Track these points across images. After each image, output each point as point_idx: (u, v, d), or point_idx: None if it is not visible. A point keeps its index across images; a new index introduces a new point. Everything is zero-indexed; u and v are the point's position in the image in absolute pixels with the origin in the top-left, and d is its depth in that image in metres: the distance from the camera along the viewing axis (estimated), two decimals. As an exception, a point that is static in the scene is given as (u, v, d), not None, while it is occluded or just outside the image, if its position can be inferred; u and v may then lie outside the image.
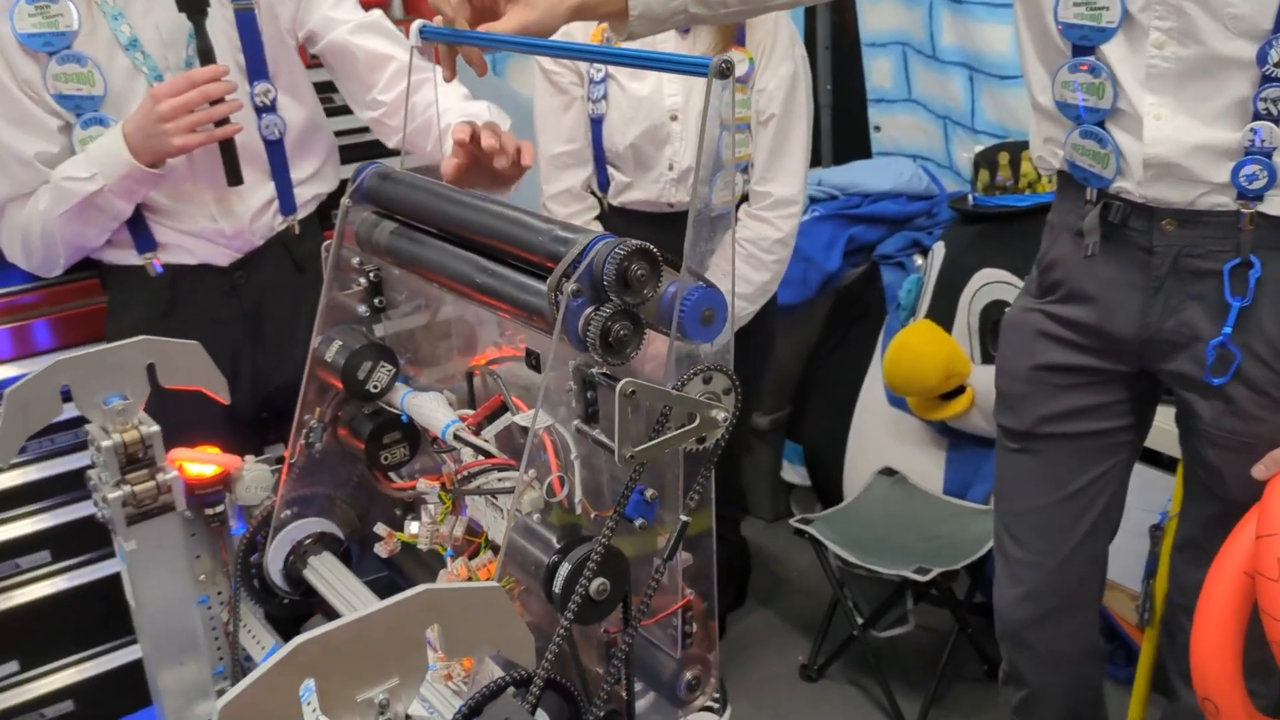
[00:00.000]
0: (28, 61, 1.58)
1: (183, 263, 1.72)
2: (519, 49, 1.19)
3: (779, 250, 2.14)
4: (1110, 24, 1.36)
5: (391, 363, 1.27)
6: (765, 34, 2.06)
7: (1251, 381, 1.42)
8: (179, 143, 1.54)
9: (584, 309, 0.95)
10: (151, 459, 1.29)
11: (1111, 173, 1.42)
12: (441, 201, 1.15)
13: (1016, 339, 1.63)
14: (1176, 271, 1.43)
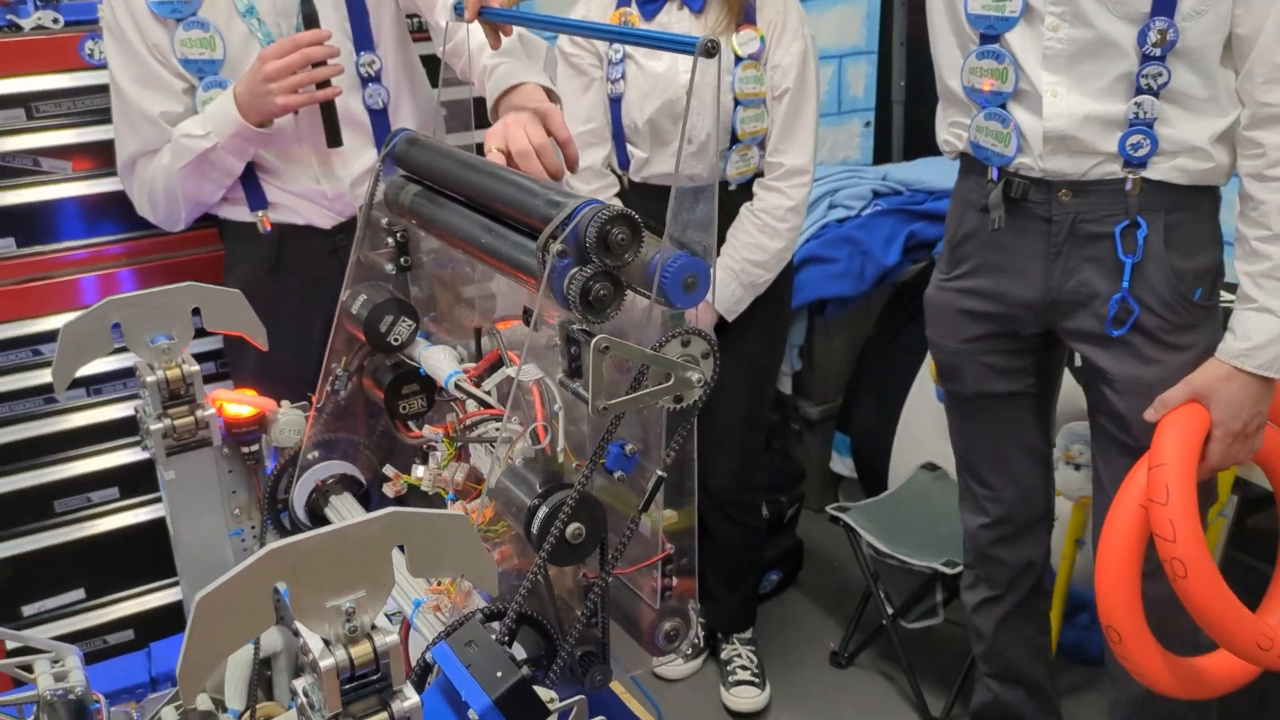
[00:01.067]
0: (157, 27, 1.71)
1: (290, 222, 1.83)
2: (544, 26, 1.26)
3: (792, 218, 2.21)
4: (1013, 13, 1.55)
5: (412, 318, 1.35)
6: (776, 13, 2.14)
7: (1145, 329, 1.61)
8: (281, 102, 1.64)
9: (569, 269, 1.01)
10: (192, 396, 1.40)
11: (1013, 150, 1.59)
12: (459, 167, 1.23)
13: (939, 316, 1.84)
14: (1073, 237, 1.61)
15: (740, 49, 2.11)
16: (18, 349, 2.06)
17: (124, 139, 1.80)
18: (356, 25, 1.77)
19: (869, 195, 3.08)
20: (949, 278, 1.80)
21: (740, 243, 2.20)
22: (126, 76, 1.74)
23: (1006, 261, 1.69)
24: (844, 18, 3.45)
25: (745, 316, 2.27)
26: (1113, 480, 1.73)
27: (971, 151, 1.69)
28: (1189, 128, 1.52)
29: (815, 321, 3.05)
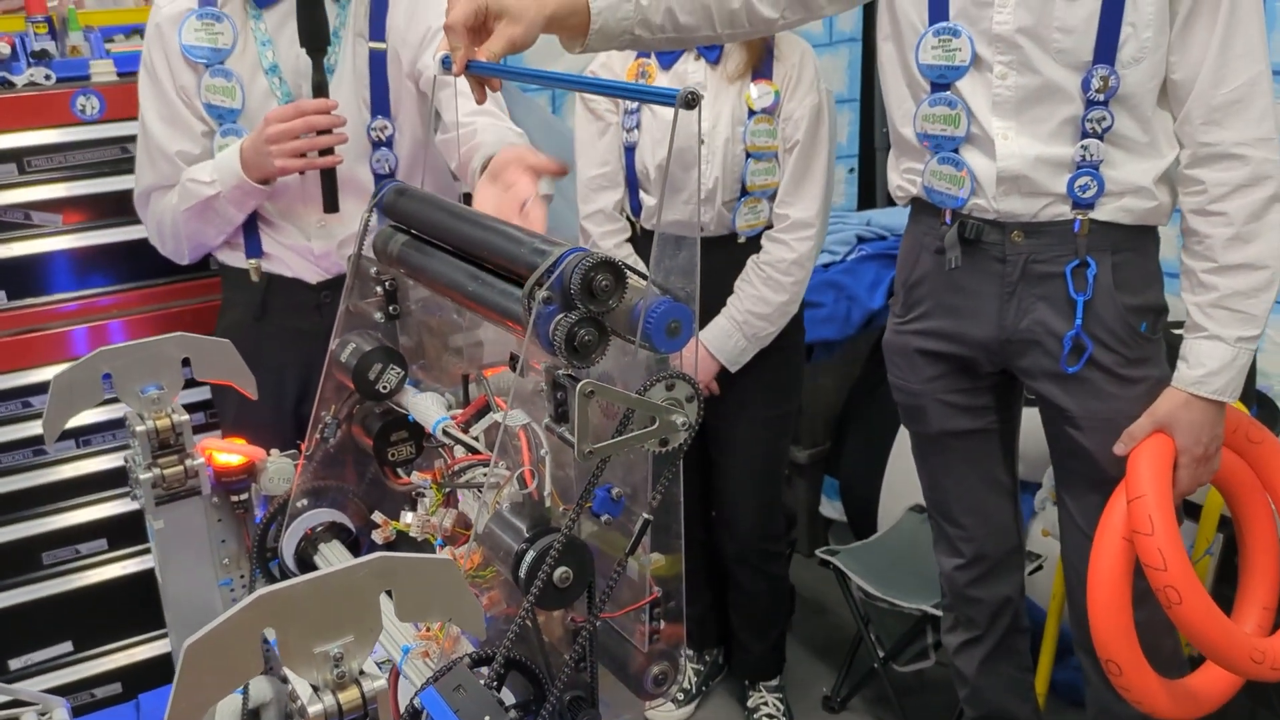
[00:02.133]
0: (187, 70, 1.77)
1: (279, 273, 1.87)
2: (532, 80, 1.28)
3: (796, 271, 2.21)
4: (963, 62, 1.60)
5: (401, 366, 1.37)
6: (790, 67, 2.17)
7: (1100, 364, 1.65)
8: (280, 164, 1.69)
9: (555, 315, 1.03)
10: (182, 445, 1.41)
11: (966, 193, 1.64)
12: (447, 216, 1.25)
13: (898, 358, 1.87)
14: (1026, 276, 1.66)
15: (755, 102, 2.13)
16: (8, 401, 2.07)
17: (143, 171, 1.86)
18: (375, 88, 1.81)
19: (853, 240, 3.12)
20: (904, 320, 1.84)
21: (744, 294, 2.22)
22: (153, 113, 1.81)
23: (961, 302, 1.73)
24: (827, 67, 3.50)
25: (755, 367, 2.28)
26: (1085, 516, 1.76)
27: (925, 196, 1.73)
28: (1132, 169, 1.58)
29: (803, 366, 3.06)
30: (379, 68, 1.82)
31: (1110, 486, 1.70)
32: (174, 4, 1.79)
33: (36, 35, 2.06)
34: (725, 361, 2.25)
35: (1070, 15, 1.53)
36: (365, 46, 1.81)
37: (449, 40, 1.30)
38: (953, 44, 1.61)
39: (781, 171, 2.19)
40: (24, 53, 2.03)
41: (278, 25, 1.78)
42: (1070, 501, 1.80)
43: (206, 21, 1.76)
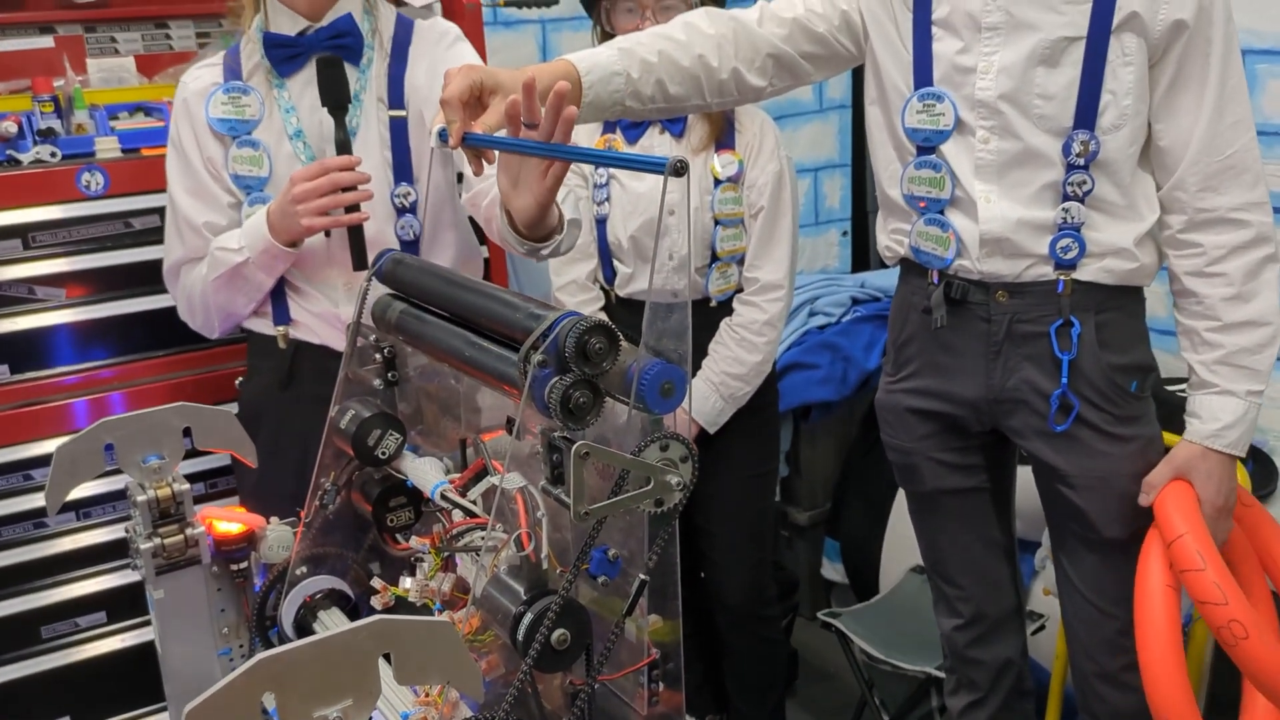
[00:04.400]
0: (214, 142, 1.80)
1: (306, 340, 1.86)
2: (527, 151, 1.32)
3: (768, 332, 2.27)
4: (947, 126, 1.63)
5: (400, 432, 1.38)
6: (752, 137, 2.24)
7: (1089, 422, 1.66)
8: (306, 223, 1.69)
9: (550, 378, 1.05)
10: (182, 515, 1.41)
11: (952, 254, 1.66)
12: (443, 284, 1.28)
13: (890, 417, 1.88)
14: (1011, 336, 1.67)
15: (720, 171, 2.21)
16: (10, 474, 2.08)
17: (172, 245, 1.88)
18: (397, 155, 1.83)
19: (848, 302, 3.15)
20: (895, 379, 1.86)
21: (719, 356, 2.26)
22: (180, 186, 1.83)
23: (949, 361, 1.75)
24: (818, 133, 3.58)
25: (732, 429, 2.31)
26: (1083, 578, 1.75)
27: (912, 256, 1.75)
28: (1112, 231, 1.61)
29: (800, 427, 3.08)
30: (400, 134, 1.83)
31: (1107, 547, 1.70)
32: (200, 80, 1.83)
33: (43, 114, 2.11)
34: (704, 423, 2.28)
35: (1050, 82, 1.57)
36: (386, 113, 1.83)
37: (445, 113, 1.34)
38: (936, 108, 1.64)
39: (748, 236, 2.25)
40: (30, 131, 2.07)
41: (300, 92, 1.81)
42: (1067, 563, 1.79)
43: (233, 95, 1.79)
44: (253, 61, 1.82)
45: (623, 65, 1.54)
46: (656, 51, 1.58)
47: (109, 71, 2.28)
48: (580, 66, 1.50)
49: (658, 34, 1.61)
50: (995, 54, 1.59)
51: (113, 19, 2.35)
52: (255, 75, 1.82)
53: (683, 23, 1.64)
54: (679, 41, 1.61)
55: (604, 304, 2.33)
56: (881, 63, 1.72)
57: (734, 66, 1.65)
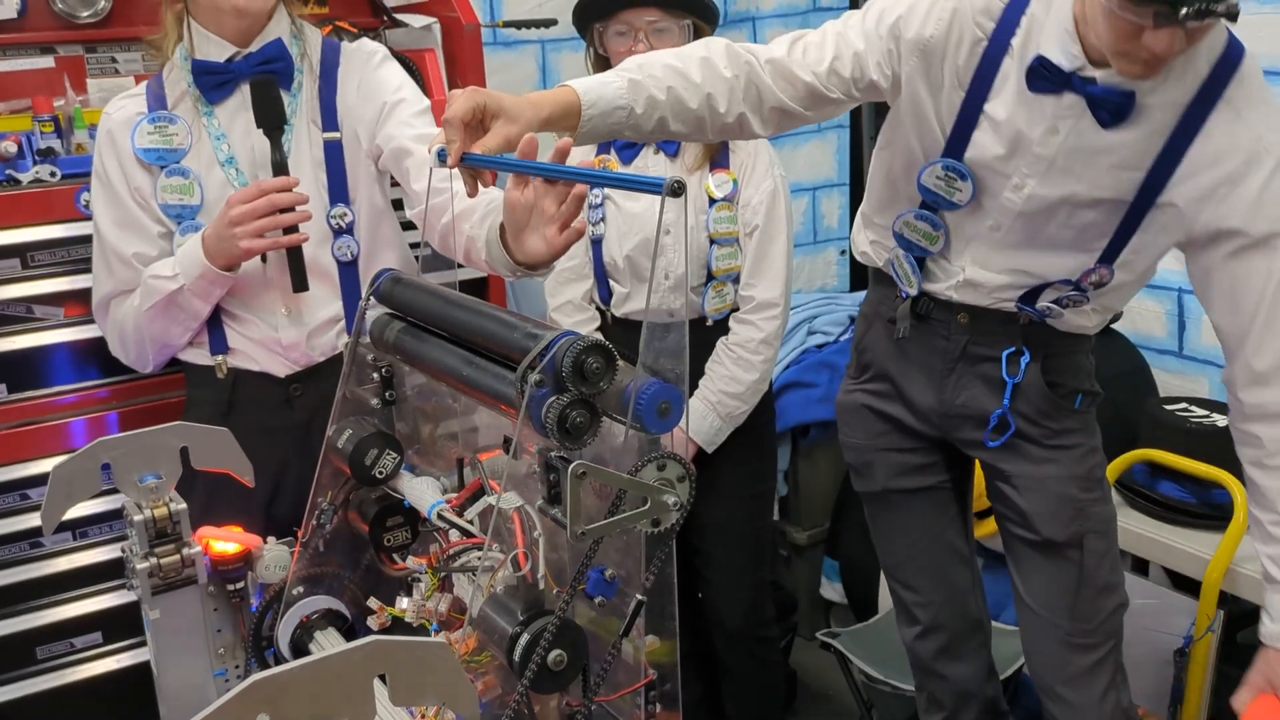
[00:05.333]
0: (141, 173, 1.77)
1: (245, 368, 1.82)
2: (525, 171, 1.32)
3: (765, 350, 2.26)
4: (960, 202, 1.63)
5: (397, 451, 1.38)
6: (747, 156, 2.25)
7: (1028, 436, 1.73)
8: (245, 245, 1.66)
9: (547, 397, 1.05)
10: (179, 534, 1.41)
11: (916, 290, 1.72)
12: (441, 304, 1.28)
13: (849, 417, 1.92)
14: (966, 356, 1.73)
15: (715, 191, 2.21)
16: (6, 494, 2.07)
17: (100, 279, 1.84)
18: (332, 177, 1.81)
19: (846, 321, 3.15)
20: (856, 381, 1.90)
21: (716, 375, 2.26)
22: (107, 219, 1.79)
23: (906, 370, 1.79)
24: (816, 152, 3.59)
25: (728, 449, 2.30)
26: (1027, 584, 1.80)
27: (888, 270, 1.78)
28: (1077, 320, 1.70)
29: (799, 446, 3.08)
30: (334, 156, 1.82)
31: (1046, 549, 1.74)
32: (123, 110, 1.79)
33: (43, 134, 2.11)
34: (701, 443, 2.27)
35: (1076, 218, 1.57)
36: (319, 135, 1.81)
37: (446, 133, 1.33)
38: (957, 183, 1.61)
39: (744, 255, 2.26)
40: (30, 151, 2.07)
41: (230, 118, 1.79)
42: (1015, 571, 1.83)
43: (160, 124, 1.76)
44: (178, 89, 1.79)
45: (628, 100, 1.49)
46: (666, 88, 1.52)
47: (109, 92, 2.27)
48: (585, 97, 1.46)
49: (672, 68, 1.53)
50: (1032, 179, 1.57)
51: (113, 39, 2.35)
52: (181, 103, 1.79)
53: (700, 59, 1.55)
54: (693, 83, 1.54)
55: (600, 324, 2.33)
56: (908, 121, 1.64)
57: (741, 112, 1.59)
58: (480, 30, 2.50)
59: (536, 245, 1.38)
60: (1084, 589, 1.75)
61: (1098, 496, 1.75)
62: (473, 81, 2.46)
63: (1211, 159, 1.47)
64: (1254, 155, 1.45)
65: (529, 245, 1.39)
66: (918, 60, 1.57)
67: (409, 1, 2.70)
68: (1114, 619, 1.79)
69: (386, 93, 1.83)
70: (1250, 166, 1.45)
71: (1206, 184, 1.48)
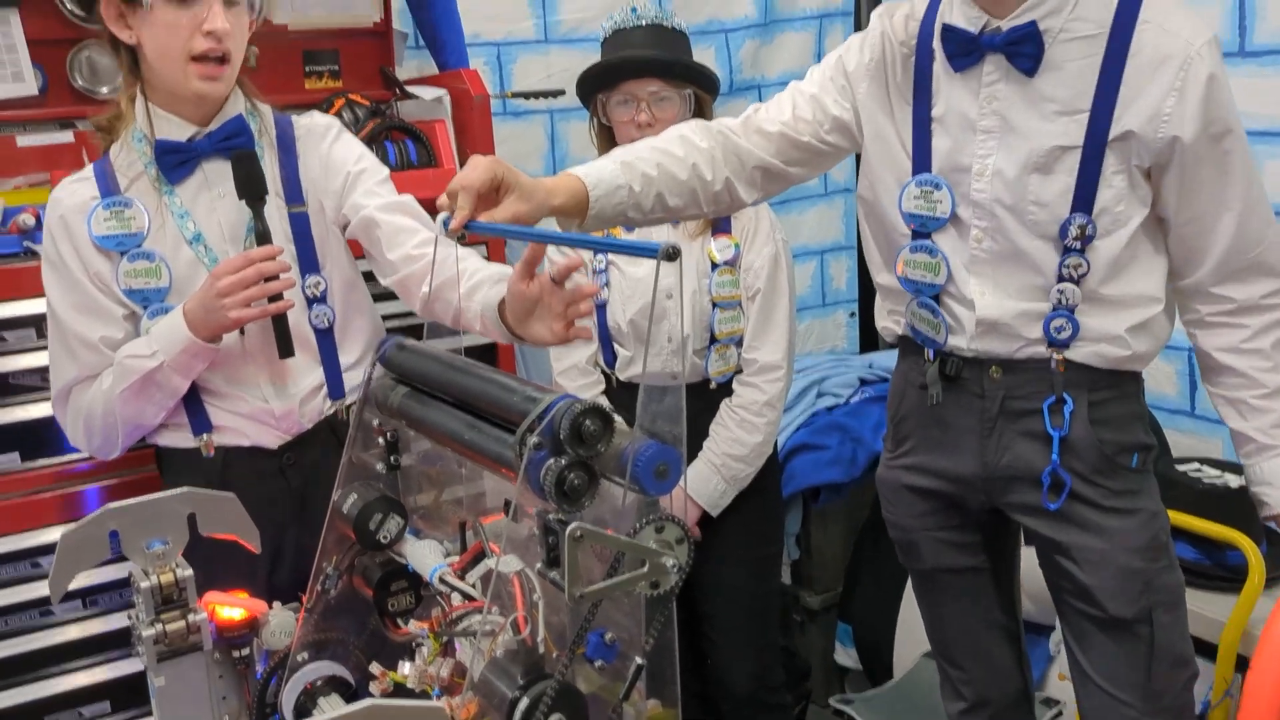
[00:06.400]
0: (100, 258, 1.74)
1: (235, 444, 1.81)
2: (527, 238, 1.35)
3: (768, 412, 2.27)
4: (943, 214, 1.66)
5: (401, 515, 1.39)
6: (748, 220, 2.28)
7: (1084, 498, 1.66)
8: (234, 315, 1.67)
9: (545, 460, 1.06)
10: (185, 600, 1.41)
11: (944, 337, 1.69)
12: (445, 369, 1.30)
13: (891, 495, 1.89)
14: (1005, 412, 1.68)
15: (717, 255, 2.24)
16: (17, 562, 2.08)
17: (61, 367, 1.79)
18: (301, 248, 1.82)
19: (856, 383, 3.16)
20: (894, 456, 1.87)
21: (720, 437, 2.27)
22: (65, 304, 1.76)
23: (945, 437, 1.75)
24: (823, 216, 3.62)
25: (734, 511, 2.30)
26: (1095, 665, 1.72)
27: (910, 334, 1.78)
28: (1104, 319, 1.62)
29: (810, 509, 3.06)
30: (302, 228, 1.83)
31: (1114, 627, 1.67)
32: (75, 195, 1.76)
33: (61, 206, 2.16)
34: (706, 505, 2.27)
35: (1044, 190, 1.59)
36: (285, 208, 1.82)
37: (457, 199, 1.37)
38: (934, 195, 1.67)
39: (746, 318, 2.27)
40: (47, 224, 2.12)
41: (192, 196, 1.79)
42: (1076, 646, 1.76)
43: (116, 209, 1.73)
44: (134, 171, 1.77)
45: (625, 179, 1.59)
46: (655, 165, 1.63)
47: (127, 165, 2.34)
48: (587, 181, 1.55)
49: (655, 148, 1.67)
50: (990, 157, 1.62)
51: (132, 115, 2.42)
52: (137, 184, 1.77)
53: (678, 136, 1.70)
54: (676, 156, 1.66)
55: (605, 387, 2.35)
56: (875, 156, 1.75)
57: (726, 177, 1.71)
58: (489, 101, 2.56)
59: (540, 333, 1.44)
60: (1156, 665, 1.68)
61: (1164, 565, 1.69)
62: (482, 150, 2.51)
63: (1150, 71, 1.52)
64: (1187, 60, 1.50)
65: (533, 331, 1.45)
66: (866, 86, 1.73)
67: (420, 75, 2.77)
68: (1186, 692, 1.74)
69: (349, 163, 1.86)
70: (1188, 72, 1.50)
71: (1155, 98, 1.52)
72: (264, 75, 2.59)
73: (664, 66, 2.19)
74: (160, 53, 1.70)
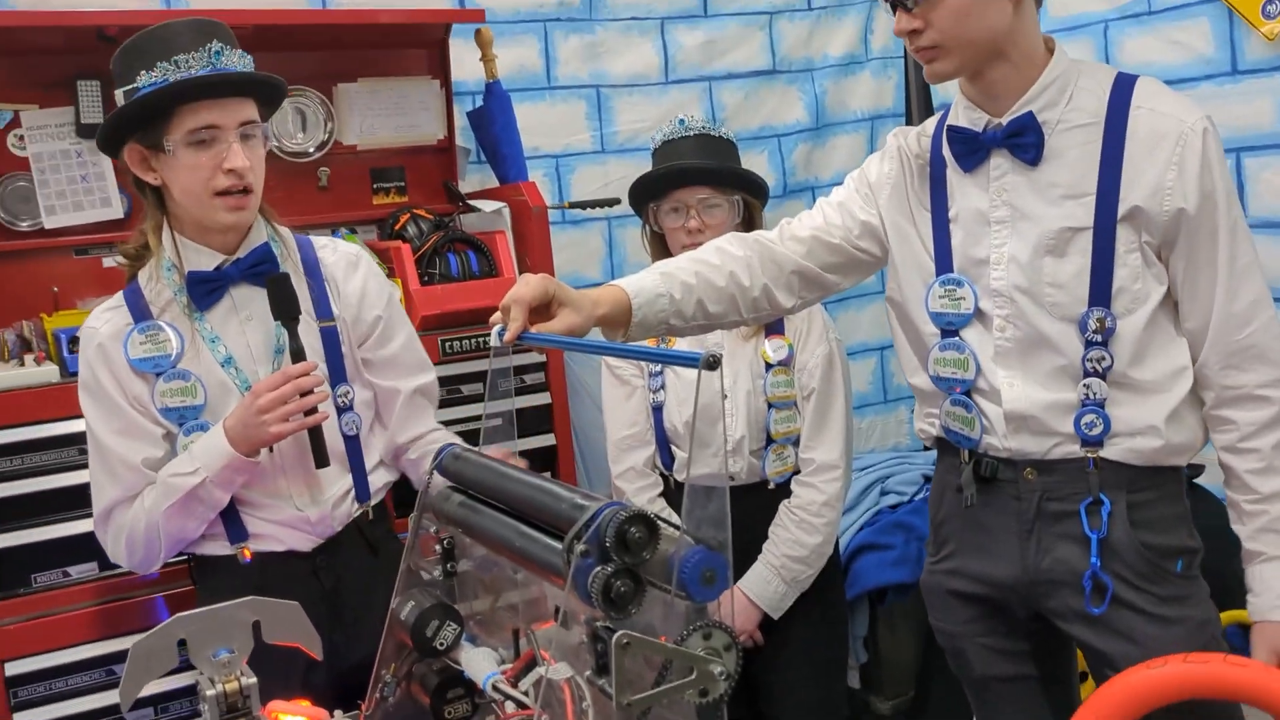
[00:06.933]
0: (138, 381, 1.82)
1: (271, 550, 1.88)
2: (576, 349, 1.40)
3: (827, 513, 2.26)
4: (967, 310, 1.69)
5: (457, 622, 1.41)
6: (801, 320, 2.29)
7: (1129, 604, 1.62)
8: (274, 430, 1.75)
9: (592, 568, 1.07)
10: (249, 709, 1.44)
11: (978, 433, 1.69)
12: (498, 477, 1.33)
13: (935, 600, 1.86)
14: (1042, 514, 1.67)
15: (771, 356, 2.26)
16: (95, 669, 2.14)
17: (103, 488, 1.85)
18: (332, 361, 1.91)
19: (920, 480, 3.12)
20: (936, 560, 1.85)
21: (779, 539, 2.25)
22: (106, 429, 1.82)
23: (984, 541, 1.74)
24: (880, 313, 3.61)
25: (796, 614, 2.28)
26: None
27: (945, 435, 1.78)
28: (1137, 409, 1.62)
29: (877, 611, 3.01)
30: (332, 341, 1.91)
31: None
32: (110, 323, 1.84)
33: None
34: (767, 608, 2.25)
35: (1059, 271, 1.62)
36: (315, 324, 1.91)
37: (511, 312, 1.44)
38: (957, 293, 1.71)
39: (802, 418, 2.28)
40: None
41: (222, 320, 1.87)
42: None
43: (150, 333, 1.82)
44: (164, 299, 1.84)
45: (666, 288, 1.66)
46: (694, 274, 1.70)
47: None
48: (629, 290, 1.63)
49: (693, 258, 1.74)
50: (1004, 245, 1.66)
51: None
52: (168, 311, 1.85)
53: (714, 247, 1.77)
54: (713, 265, 1.72)
55: (663, 489, 2.36)
56: (901, 259, 1.80)
57: (764, 284, 1.76)
58: (547, 212, 2.64)
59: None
60: None
61: None
62: (540, 258, 2.59)
63: (1148, 150, 1.57)
64: (1181, 136, 1.56)
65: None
66: (887, 194, 1.80)
67: (482, 188, 2.88)
68: None
69: (380, 306, 1.96)
70: (1185, 147, 1.56)
71: (1156, 173, 1.57)
72: (334, 192, 2.74)
73: (709, 174, 2.25)
74: (186, 191, 1.80)
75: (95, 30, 2.29)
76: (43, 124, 2.40)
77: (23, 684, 2.11)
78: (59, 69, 2.38)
